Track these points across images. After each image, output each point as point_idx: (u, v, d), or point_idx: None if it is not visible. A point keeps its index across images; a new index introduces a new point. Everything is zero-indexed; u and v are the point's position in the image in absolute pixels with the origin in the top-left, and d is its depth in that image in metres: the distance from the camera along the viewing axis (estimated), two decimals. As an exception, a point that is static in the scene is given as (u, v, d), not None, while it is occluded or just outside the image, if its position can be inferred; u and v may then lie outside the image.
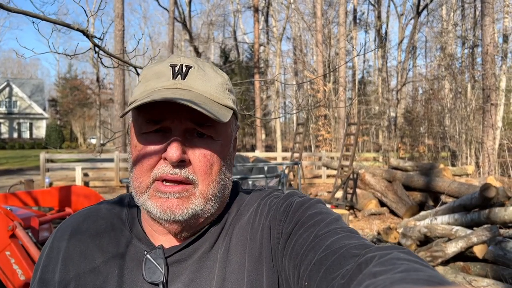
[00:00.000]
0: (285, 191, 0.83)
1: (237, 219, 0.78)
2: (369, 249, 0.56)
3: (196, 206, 0.70)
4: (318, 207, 0.73)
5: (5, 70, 66.79)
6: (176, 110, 0.68)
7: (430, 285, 0.40)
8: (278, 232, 0.72)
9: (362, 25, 29.15)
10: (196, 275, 0.72)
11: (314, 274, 0.58)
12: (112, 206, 0.83)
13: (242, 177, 4.18)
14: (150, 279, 0.71)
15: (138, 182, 0.70)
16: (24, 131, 41.76)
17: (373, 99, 24.32)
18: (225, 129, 0.74)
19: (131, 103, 0.70)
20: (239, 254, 0.73)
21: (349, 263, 0.54)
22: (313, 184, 14.64)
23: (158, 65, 0.73)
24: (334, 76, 20.68)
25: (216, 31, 39.20)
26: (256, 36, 23.67)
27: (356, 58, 22.62)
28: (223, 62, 29.92)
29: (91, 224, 0.80)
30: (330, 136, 18.84)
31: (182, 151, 0.68)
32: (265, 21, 29.39)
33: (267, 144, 32.27)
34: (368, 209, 9.23)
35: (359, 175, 9.99)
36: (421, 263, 0.49)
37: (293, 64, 30.46)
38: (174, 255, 0.73)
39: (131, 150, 0.73)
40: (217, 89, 0.73)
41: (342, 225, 0.68)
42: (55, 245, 0.80)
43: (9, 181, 14.10)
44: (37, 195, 4.21)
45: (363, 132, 21.31)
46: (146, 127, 0.70)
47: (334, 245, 0.60)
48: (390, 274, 0.44)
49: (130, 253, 0.75)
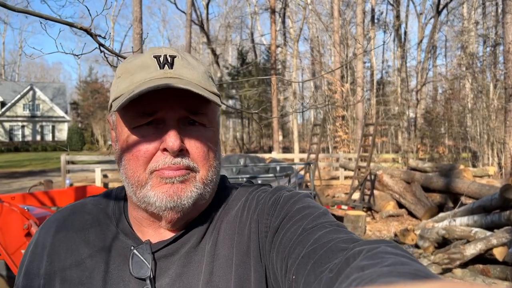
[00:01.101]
0: None
1: (225, 214, 0.78)
2: (357, 243, 0.55)
3: (198, 190, 0.71)
4: (306, 201, 0.73)
5: (28, 74, 68.44)
6: (168, 99, 0.68)
7: (416, 278, 0.40)
8: (266, 226, 0.72)
9: (380, 25, 28.84)
10: (183, 269, 0.72)
11: (302, 268, 0.57)
12: (98, 201, 0.82)
13: (251, 176, 4.17)
14: (137, 274, 0.70)
15: (135, 176, 0.70)
16: (47, 134, 42.65)
17: (392, 100, 24.02)
18: (214, 116, 0.75)
19: (118, 97, 0.69)
20: (226, 248, 0.73)
21: (337, 256, 0.54)
22: (330, 185, 14.53)
23: (139, 58, 0.73)
24: (352, 76, 20.52)
25: (234, 33, 39.38)
26: (273, 38, 23.65)
27: (374, 58, 22.40)
28: (240, 64, 30.00)
29: (76, 219, 0.79)
30: (347, 137, 18.68)
31: (181, 139, 0.68)
32: (282, 22, 29.36)
33: (285, 146, 32.19)
34: (386, 211, 9.11)
35: (377, 176, 9.87)
36: (408, 257, 0.49)
37: (310, 65, 30.37)
38: (161, 250, 0.73)
39: (120, 146, 0.72)
40: (203, 77, 0.73)
41: (330, 219, 0.68)
42: (40, 241, 0.79)
43: (32, 182, 14.39)
44: (54, 195, 4.29)
45: (381, 133, 21.08)
46: (138, 121, 0.69)
47: (322, 239, 0.60)
48: (378, 268, 0.44)
49: (117, 248, 0.74)
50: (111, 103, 0.72)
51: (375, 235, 7.33)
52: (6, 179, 18.35)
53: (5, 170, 22.69)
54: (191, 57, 0.76)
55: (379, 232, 7.75)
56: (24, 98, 40.92)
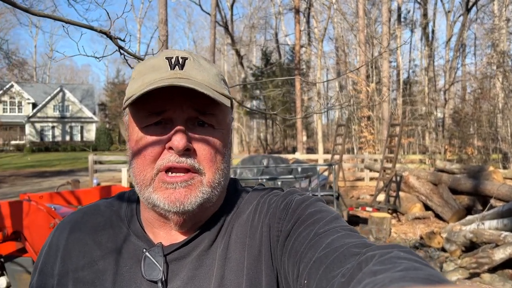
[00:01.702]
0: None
1: (237, 217, 0.78)
2: (369, 247, 0.55)
3: (203, 194, 0.70)
4: (317, 205, 0.72)
5: (59, 76, 70.34)
6: (177, 99, 0.69)
7: (428, 283, 0.40)
8: (277, 230, 0.71)
9: (407, 23, 28.32)
10: (195, 272, 0.72)
11: (314, 272, 0.57)
12: (111, 203, 0.83)
13: (270, 177, 4.15)
14: (149, 277, 0.71)
15: (141, 175, 0.70)
16: (76, 134, 43.68)
17: (419, 100, 23.55)
18: (224, 118, 0.75)
19: (129, 98, 0.70)
20: (238, 252, 0.73)
21: (349, 261, 0.54)
22: (355, 186, 14.35)
23: (152, 60, 0.74)
24: (378, 76, 20.22)
25: (258, 34, 39.41)
26: (297, 38, 23.55)
27: (400, 58, 22.01)
28: (264, 65, 30.00)
29: (90, 221, 0.80)
30: (373, 138, 18.41)
31: (187, 139, 0.68)
32: (306, 22, 29.20)
33: (309, 146, 32.01)
34: (412, 213, 8.93)
35: (403, 177, 9.69)
36: (421, 262, 0.49)
37: (335, 64, 30.09)
38: (173, 252, 0.73)
39: (130, 146, 0.73)
40: (214, 79, 0.73)
41: (342, 223, 0.67)
42: (54, 242, 0.80)
43: (61, 181, 14.78)
44: (80, 194, 4.39)
45: (408, 134, 20.69)
46: (147, 120, 0.70)
47: (334, 244, 0.59)
48: (390, 273, 0.44)
49: (129, 251, 0.75)
50: (124, 103, 0.73)
51: (400, 238, 7.20)
52: (37, 178, 18.90)
53: (36, 169, 23.39)
54: (204, 59, 0.77)
55: (404, 234, 7.60)
56: (54, 100, 42.03)
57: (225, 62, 38.88)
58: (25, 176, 19.87)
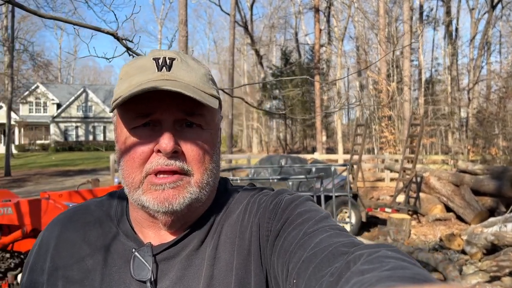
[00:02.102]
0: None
1: (226, 217, 0.78)
2: (358, 247, 0.55)
3: (191, 195, 0.70)
4: (307, 205, 0.72)
5: (82, 77, 71.81)
6: (165, 101, 0.69)
7: (415, 282, 0.40)
8: (267, 229, 0.71)
9: (429, 22, 27.80)
10: (184, 272, 0.72)
11: (303, 272, 0.57)
12: (101, 202, 0.83)
13: (282, 177, 4.13)
14: (138, 277, 0.71)
15: (130, 177, 0.70)
16: (99, 134, 44.45)
17: (442, 99, 23.11)
18: (212, 118, 0.75)
19: (117, 99, 0.70)
20: (227, 252, 0.72)
21: (338, 260, 0.54)
22: (375, 187, 14.18)
23: (140, 60, 0.74)
24: (400, 75, 19.92)
25: (278, 34, 39.34)
26: (317, 37, 23.41)
27: (422, 56, 21.63)
28: (283, 64, 29.93)
29: (80, 221, 0.80)
30: (394, 138, 18.16)
31: (175, 141, 0.68)
32: (326, 21, 29.00)
33: (329, 146, 31.79)
34: (433, 214, 8.78)
35: (423, 178, 9.52)
36: (408, 261, 0.49)
37: (356, 64, 29.78)
38: (162, 252, 0.73)
39: (118, 147, 0.73)
40: (201, 79, 0.73)
41: (331, 223, 0.67)
42: (44, 242, 0.80)
43: (83, 180, 15.08)
44: (98, 192, 4.47)
45: (430, 134, 20.33)
46: (135, 122, 0.70)
47: (323, 243, 0.59)
48: (377, 272, 0.44)
49: (118, 251, 0.75)
50: (111, 104, 0.73)
51: (420, 240, 7.08)
52: (60, 177, 19.33)
53: (60, 168, 23.92)
54: (192, 59, 0.76)
55: (424, 236, 7.48)
56: (78, 100, 42.86)
57: (245, 62, 38.97)
58: (49, 175, 20.35)
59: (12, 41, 22.50)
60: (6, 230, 3.93)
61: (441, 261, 4.76)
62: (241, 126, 40.63)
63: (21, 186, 16.38)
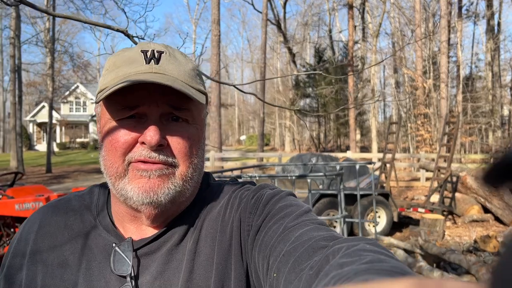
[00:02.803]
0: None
1: (208, 212, 0.77)
2: (337, 240, 0.56)
3: (175, 187, 0.70)
4: (288, 200, 0.72)
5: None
6: (152, 94, 0.69)
7: (392, 275, 0.41)
8: (248, 224, 0.71)
9: (469, 16, 26.82)
10: (164, 267, 0.72)
11: (283, 266, 0.57)
12: (82, 197, 0.83)
13: (300, 175, 4.09)
14: (118, 272, 0.71)
15: (113, 167, 0.70)
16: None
17: (483, 96, 22.26)
18: (199, 113, 0.75)
19: (102, 90, 0.70)
20: (208, 246, 0.72)
21: (317, 254, 0.55)
22: (410, 187, 13.86)
23: (127, 52, 0.73)
24: (437, 72, 19.33)
25: (312, 31, 39.03)
26: (350, 34, 23.05)
27: (460, 52, 20.89)
28: (317, 62, 29.67)
29: (60, 216, 0.79)
30: (430, 136, 17.65)
31: (161, 135, 0.68)
32: (361, 18, 28.52)
33: (363, 145, 31.27)
34: (469, 215, 8.47)
35: (460, 178, 9.20)
36: (386, 254, 0.49)
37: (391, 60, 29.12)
38: (143, 247, 0.73)
39: (101, 138, 0.73)
40: (189, 74, 0.73)
41: (312, 217, 0.67)
42: (23, 236, 0.79)
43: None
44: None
45: (469, 132, 19.64)
46: (120, 114, 0.70)
47: (303, 237, 0.60)
48: (356, 265, 0.45)
49: (99, 245, 0.75)
50: (97, 95, 0.73)
51: (454, 241, 6.85)
52: (98, 174, 19.94)
53: (98, 166, 24.47)
54: (180, 53, 0.76)
55: (459, 237, 7.23)
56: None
57: (278, 60, 38.90)
58: (87, 172, 21.04)
59: (53, 43, 23.41)
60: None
61: (474, 263, 4.58)
62: (274, 125, 40.60)
63: (61, 182, 17.03)
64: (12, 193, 4.33)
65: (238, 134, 61.95)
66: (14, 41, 20.29)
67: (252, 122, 58.64)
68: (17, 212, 3.75)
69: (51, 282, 0.73)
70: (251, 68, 52.17)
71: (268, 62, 30.87)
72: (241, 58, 63.06)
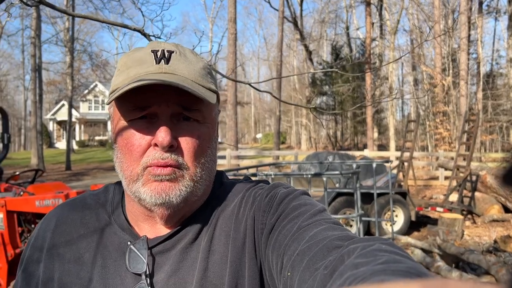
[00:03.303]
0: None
1: (222, 210, 0.78)
2: (352, 240, 0.56)
3: (186, 188, 0.71)
4: (302, 198, 0.72)
5: (138, 75, 74.49)
6: (162, 94, 0.69)
7: (408, 276, 0.41)
8: (262, 223, 0.72)
9: (490, 12, 26.25)
10: (179, 265, 0.73)
11: (297, 265, 0.57)
12: (98, 196, 0.84)
13: (316, 173, 4.06)
14: (133, 269, 0.72)
15: (129, 170, 0.71)
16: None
17: (504, 93, 21.79)
18: (210, 113, 0.75)
19: (114, 91, 0.71)
20: (222, 244, 0.73)
21: (332, 254, 0.55)
22: (428, 186, 13.67)
23: (138, 52, 0.74)
24: (457, 69, 19.00)
25: (329, 29, 38.72)
26: (368, 31, 22.83)
27: (480, 48, 20.48)
28: (334, 59, 29.45)
29: (76, 214, 0.81)
30: (449, 135, 17.37)
31: (172, 135, 0.69)
32: (378, 14, 28.19)
33: (381, 143, 30.94)
34: (489, 215, 8.32)
35: (479, 177, 9.04)
36: (402, 255, 0.49)
37: (409, 57, 28.74)
38: (157, 245, 0.74)
39: (115, 139, 0.74)
40: (200, 73, 0.73)
41: (326, 216, 0.67)
42: (40, 234, 0.81)
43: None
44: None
45: (489, 130, 19.25)
46: (132, 114, 0.70)
47: (318, 236, 0.60)
48: (371, 266, 0.44)
49: (114, 243, 0.76)
50: (109, 96, 0.74)
51: (473, 241, 6.74)
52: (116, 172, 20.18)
53: (116, 163, 24.96)
54: (191, 52, 0.77)
55: (478, 237, 7.10)
56: (134, 98, 44.60)
57: (294, 58, 38.74)
58: (105, 170, 21.33)
59: (73, 42, 23.77)
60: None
61: (494, 264, 4.50)
62: (290, 123, 40.48)
63: (80, 180, 17.31)
64: (32, 189, 4.42)
65: (254, 132, 61.96)
66: (34, 41, 20.68)
67: (268, 120, 58.55)
68: (37, 208, 3.83)
69: (68, 279, 0.74)
70: (268, 66, 52.10)
71: (284, 60, 30.80)
72: (257, 56, 63.02)
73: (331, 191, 6.69)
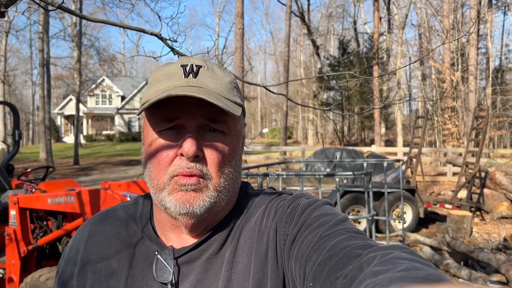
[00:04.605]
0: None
1: (245, 221, 0.80)
2: (371, 248, 0.57)
3: (210, 199, 0.73)
4: (324, 209, 0.74)
5: (144, 70, 74.66)
6: (190, 107, 0.72)
7: (428, 283, 0.41)
8: (284, 234, 0.73)
9: (499, 6, 25.95)
10: (203, 275, 0.74)
11: (318, 275, 0.59)
12: (128, 207, 0.88)
13: (328, 173, 4.05)
14: (159, 279, 0.74)
15: (156, 179, 0.74)
16: (158, 125, 46.22)
17: (513, 89, 21.57)
18: (235, 125, 0.78)
19: (145, 103, 0.74)
20: (245, 256, 0.75)
21: (352, 263, 0.55)
22: (436, 182, 13.61)
23: (168, 67, 0.77)
24: (466, 64, 18.83)
25: (336, 23, 38.50)
26: (376, 25, 22.67)
27: (490, 43, 20.28)
28: (341, 54, 29.30)
29: (108, 226, 0.85)
30: (457, 130, 17.26)
31: (197, 146, 0.71)
32: (386, 9, 27.96)
33: (388, 139, 30.82)
34: (498, 212, 8.28)
35: (488, 173, 8.99)
36: (421, 262, 0.50)
37: (418, 52, 28.52)
38: (183, 255, 0.76)
39: (145, 148, 0.77)
40: (226, 87, 0.76)
41: (347, 226, 0.68)
42: (74, 245, 0.85)
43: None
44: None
45: (498, 126, 19.11)
46: (161, 125, 0.73)
47: (338, 246, 0.61)
48: (390, 273, 0.45)
49: (142, 253, 0.79)
50: (140, 107, 0.77)
51: (482, 238, 6.71)
52: (124, 166, 20.31)
53: (124, 158, 25.13)
54: (219, 67, 0.79)
55: (487, 235, 7.08)
56: (141, 92, 44.66)
57: (301, 52, 38.59)
58: (113, 164, 21.46)
59: (80, 37, 23.85)
60: (70, 217, 4.22)
61: (504, 262, 4.49)
62: (296, 118, 40.40)
63: (88, 174, 17.43)
64: (44, 187, 4.46)
65: (260, 127, 61.92)
66: (42, 36, 20.78)
67: (275, 115, 58.50)
68: (49, 205, 3.86)
69: (99, 282, 0.78)
70: (274, 60, 51.96)
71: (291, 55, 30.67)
72: (264, 51, 62.88)
73: (340, 188, 6.68)
